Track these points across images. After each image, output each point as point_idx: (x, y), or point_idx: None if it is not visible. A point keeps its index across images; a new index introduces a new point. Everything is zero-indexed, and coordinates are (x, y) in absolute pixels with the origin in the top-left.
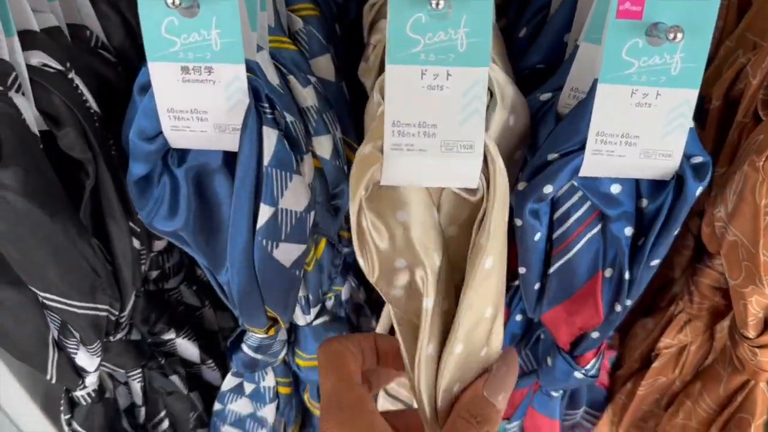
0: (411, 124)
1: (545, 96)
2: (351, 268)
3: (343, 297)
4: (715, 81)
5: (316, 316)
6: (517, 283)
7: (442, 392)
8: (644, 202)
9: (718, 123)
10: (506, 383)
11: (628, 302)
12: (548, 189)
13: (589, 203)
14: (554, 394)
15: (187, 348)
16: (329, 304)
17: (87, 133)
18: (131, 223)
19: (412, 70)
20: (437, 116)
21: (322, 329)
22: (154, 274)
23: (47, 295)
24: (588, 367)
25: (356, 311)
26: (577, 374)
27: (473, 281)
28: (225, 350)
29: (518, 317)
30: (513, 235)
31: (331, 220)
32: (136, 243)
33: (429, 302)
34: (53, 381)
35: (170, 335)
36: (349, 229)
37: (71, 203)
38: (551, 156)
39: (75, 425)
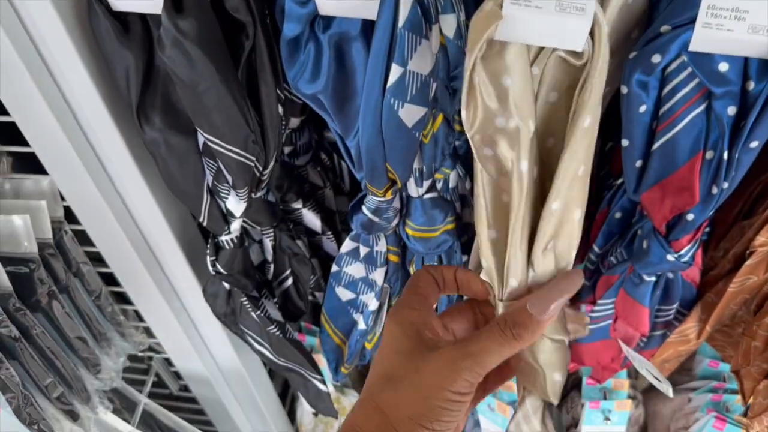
0: None
1: None
2: (459, 159)
3: (450, 183)
4: None
5: (427, 191)
6: (619, 181)
7: (540, 251)
8: (751, 85)
9: None
10: (555, 298)
11: (725, 185)
12: (656, 59)
13: (696, 81)
14: (646, 278)
15: (311, 219)
16: (438, 186)
17: None
18: (278, 90)
19: None
20: None
21: (430, 203)
22: (287, 149)
23: (211, 138)
24: (682, 252)
25: (460, 200)
26: (670, 257)
27: (572, 139)
28: (345, 218)
29: (617, 215)
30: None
31: (449, 99)
32: (280, 110)
33: (524, 165)
34: (204, 222)
35: (298, 204)
36: (461, 122)
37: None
38: (664, 28)
39: (218, 266)
